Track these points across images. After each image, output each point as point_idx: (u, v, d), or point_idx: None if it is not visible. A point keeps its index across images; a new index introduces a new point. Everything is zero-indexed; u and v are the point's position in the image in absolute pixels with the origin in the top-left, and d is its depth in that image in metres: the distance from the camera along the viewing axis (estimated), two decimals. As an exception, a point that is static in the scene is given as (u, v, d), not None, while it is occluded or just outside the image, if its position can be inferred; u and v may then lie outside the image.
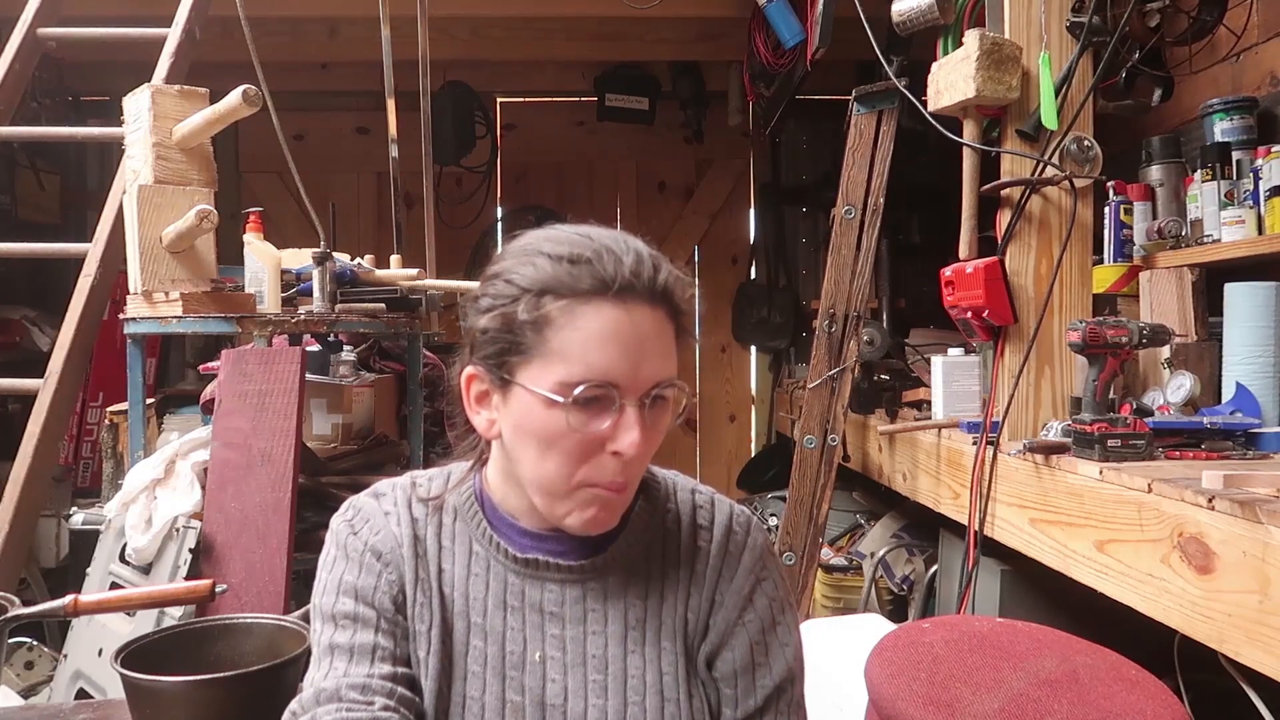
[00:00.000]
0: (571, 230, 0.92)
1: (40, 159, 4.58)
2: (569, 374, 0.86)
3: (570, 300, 0.86)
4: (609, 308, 0.86)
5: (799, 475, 2.69)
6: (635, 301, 0.87)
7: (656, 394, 0.89)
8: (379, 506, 1.01)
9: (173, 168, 2.20)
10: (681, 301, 0.91)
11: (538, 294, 0.87)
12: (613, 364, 0.86)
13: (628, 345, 0.86)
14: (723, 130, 5.12)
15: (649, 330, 0.88)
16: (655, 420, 0.90)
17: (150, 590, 1.54)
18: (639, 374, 0.87)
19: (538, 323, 0.87)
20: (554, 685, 0.95)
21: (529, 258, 0.89)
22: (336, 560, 0.99)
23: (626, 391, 0.87)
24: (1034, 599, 2.16)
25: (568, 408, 0.86)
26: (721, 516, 1.02)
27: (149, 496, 2.13)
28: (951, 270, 2.17)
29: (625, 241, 0.90)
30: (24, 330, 4.17)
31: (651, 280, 0.88)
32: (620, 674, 0.96)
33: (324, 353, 2.92)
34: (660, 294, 0.89)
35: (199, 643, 1.34)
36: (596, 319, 0.86)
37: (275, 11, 3.84)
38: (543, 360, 0.87)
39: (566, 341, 0.86)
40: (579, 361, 0.86)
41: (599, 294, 0.86)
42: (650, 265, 0.89)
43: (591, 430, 0.87)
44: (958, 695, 1.23)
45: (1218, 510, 1.36)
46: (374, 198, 5.13)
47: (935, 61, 2.23)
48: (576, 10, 4.35)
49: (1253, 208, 2.13)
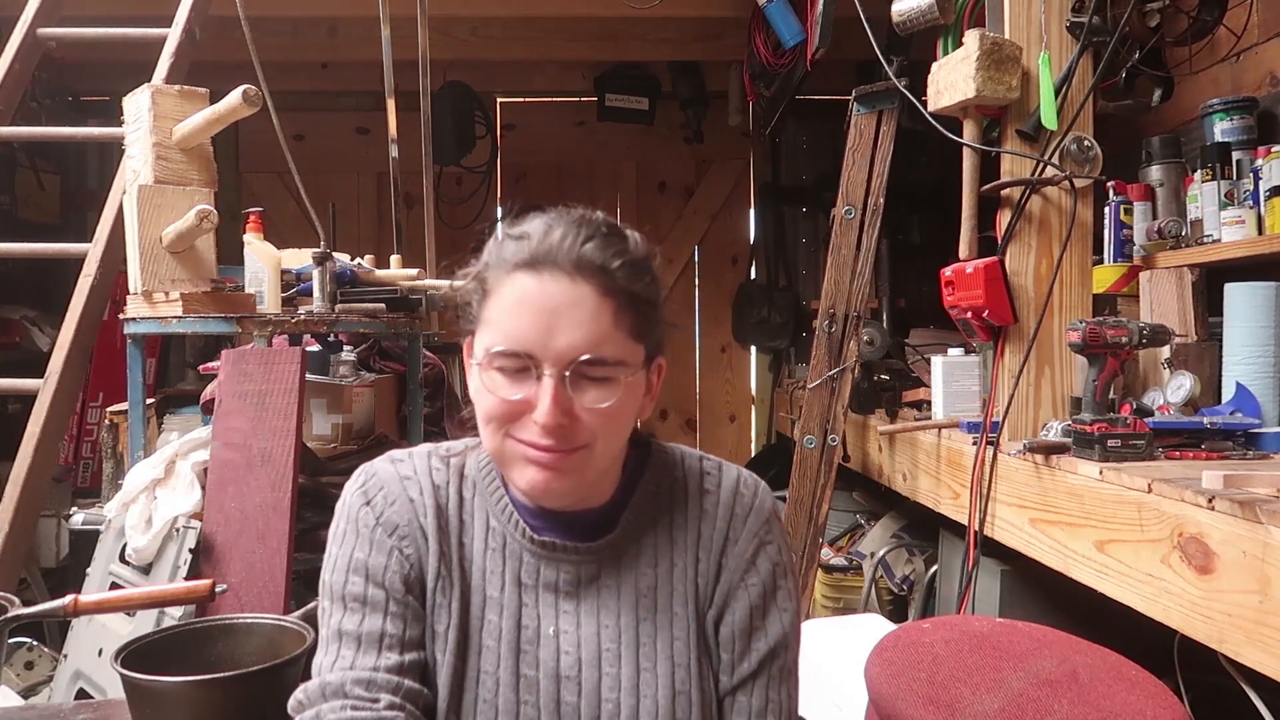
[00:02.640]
0: (549, 212, 0.94)
1: (40, 159, 4.58)
2: (490, 341, 0.91)
3: (499, 271, 0.92)
4: (523, 277, 0.90)
5: (799, 475, 2.69)
6: (551, 271, 0.89)
7: (585, 371, 0.89)
8: (395, 473, 1.00)
9: (173, 168, 2.20)
10: (621, 277, 0.90)
11: (483, 267, 0.94)
12: (522, 332, 0.89)
13: (538, 314, 0.89)
14: (723, 130, 5.12)
15: (563, 301, 0.88)
16: (586, 394, 0.90)
17: (150, 590, 1.54)
18: (552, 343, 0.88)
19: (480, 292, 0.94)
20: (567, 658, 0.96)
21: (497, 237, 0.95)
22: (346, 534, 0.98)
23: (542, 361, 0.88)
24: (1034, 599, 2.16)
25: (487, 372, 0.91)
26: (728, 480, 1.04)
27: (149, 496, 2.13)
28: (951, 270, 2.17)
29: (576, 219, 0.92)
30: (24, 330, 4.17)
31: (572, 250, 0.89)
32: (632, 641, 0.97)
33: (324, 353, 2.92)
34: (583, 265, 0.89)
35: (199, 643, 1.34)
36: (512, 288, 0.90)
37: (275, 11, 3.84)
38: (481, 329, 0.93)
39: (491, 310, 0.92)
40: (498, 329, 0.90)
41: (521, 266, 0.90)
42: (579, 238, 0.90)
43: (507, 395, 0.90)
44: (958, 695, 1.23)
45: (1218, 510, 1.36)
46: (374, 198, 5.13)
47: (935, 62, 2.23)
48: (576, 10, 4.35)
49: (1253, 208, 2.13)
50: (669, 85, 5.04)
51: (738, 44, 4.40)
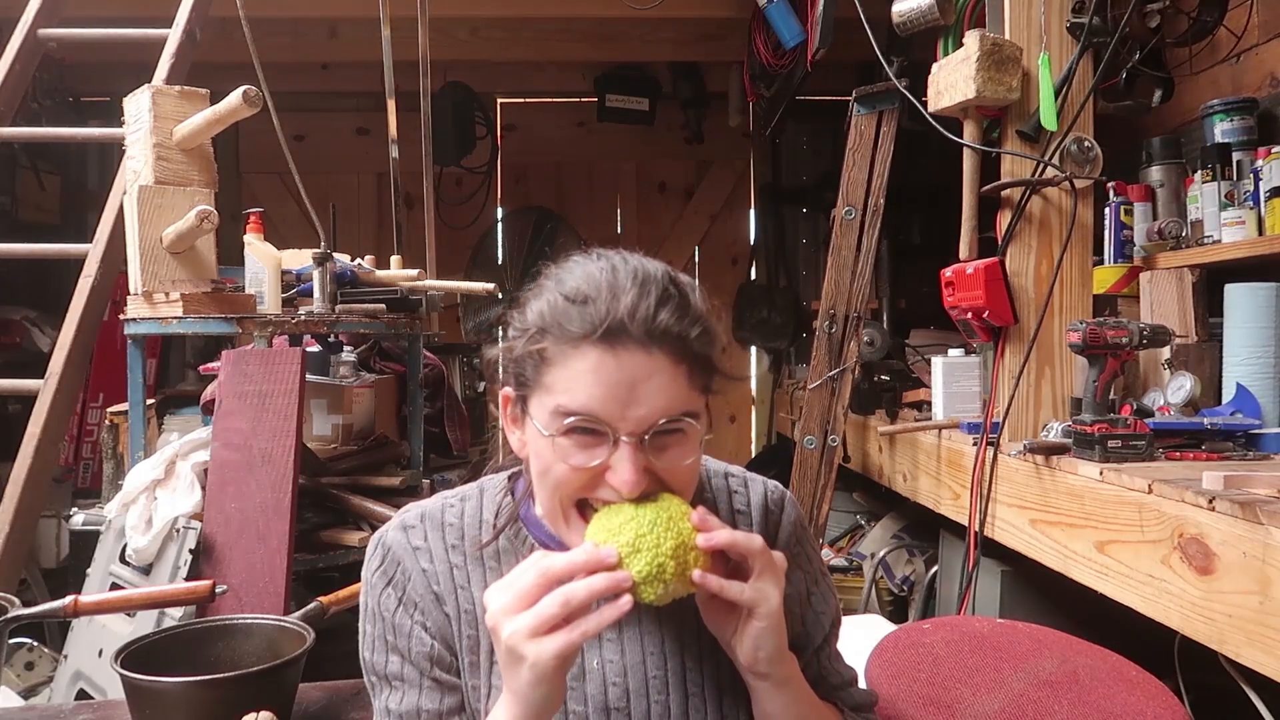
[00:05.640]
0: (596, 262, 0.91)
1: (41, 159, 4.58)
2: (558, 407, 0.87)
3: (563, 341, 0.87)
4: (595, 351, 0.86)
5: (799, 476, 2.69)
6: (625, 344, 0.85)
7: (661, 429, 0.87)
8: (408, 544, 0.99)
9: (173, 168, 2.20)
10: (689, 340, 0.88)
11: (538, 331, 0.89)
12: (597, 403, 0.86)
13: (615, 387, 0.85)
14: (723, 131, 5.12)
15: (640, 373, 0.86)
16: (665, 453, 0.89)
17: (150, 591, 1.54)
18: (629, 413, 0.86)
19: (536, 359, 0.89)
20: (615, 689, 0.96)
21: (545, 291, 0.91)
22: (375, 616, 0.99)
23: (619, 429, 0.86)
24: (1034, 600, 2.16)
25: (556, 440, 0.87)
26: (756, 498, 1.05)
27: (149, 497, 2.13)
28: (952, 271, 2.17)
29: (637, 275, 0.88)
30: (24, 330, 4.17)
31: (647, 322, 0.86)
32: (679, 669, 0.97)
33: (324, 353, 2.92)
34: (658, 336, 0.86)
35: (199, 643, 1.34)
36: (583, 360, 0.86)
37: (275, 12, 3.84)
38: (542, 393, 0.89)
39: (559, 378, 0.87)
40: (568, 398, 0.87)
41: (586, 337, 0.86)
42: (650, 305, 0.86)
43: (579, 463, 0.88)
44: (958, 696, 1.23)
45: (1218, 511, 1.36)
46: (374, 198, 5.14)
47: (935, 62, 2.23)
48: (576, 11, 4.35)
49: (1253, 208, 2.13)
50: (669, 86, 5.04)
51: (738, 45, 4.40)
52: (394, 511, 1.12)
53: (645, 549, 0.84)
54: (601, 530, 0.86)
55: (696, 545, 0.85)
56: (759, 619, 0.87)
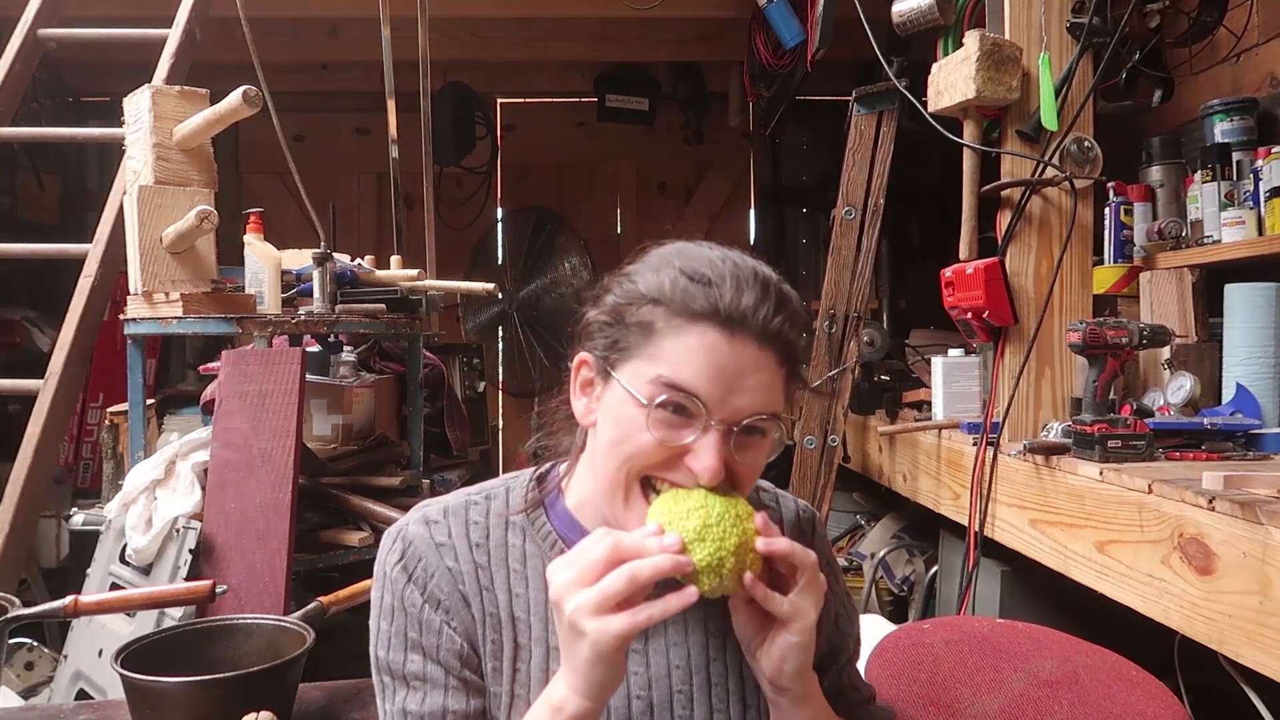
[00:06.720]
0: (712, 251, 0.91)
1: (40, 160, 4.58)
2: (659, 377, 0.86)
3: (681, 315, 0.87)
4: (713, 332, 0.86)
5: (799, 476, 2.69)
6: (743, 335, 0.86)
7: (748, 424, 0.87)
8: (431, 539, 0.97)
9: (173, 168, 2.20)
10: (796, 348, 0.90)
11: (653, 301, 0.88)
12: (702, 383, 0.85)
13: (723, 371, 0.85)
14: (723, 131, 5.12)
15: (749, 366, 0.86)
16: (745, 451, 0.89)
17: (150, 591, 1.55)
18: (729, 401, 0.86)
19: (646, 327, 0.88)
20: (639, 701, 0.95)
21: (661, 266, 0.90)
22: (395, 612, 0.95)
23: (715, 414, 0.86)
24: (1034, 600, 2.16)
25: (651, 410, 0.86)
26: (789, 515, 1.06)
27: (149, 497, 2.13)
28: (952, 271, 2.17)
29: (757, 274, 0.89)
30: (24, 330, 4.17)
31: (766, 321, 0.87)
32: (704, 683, 0.97)
33: (324, 353, 2.92)
34: (772, 336, 0.87)
35: (199, 643, 1.34)
36: (699, 338, 0.86)
37: (275, 12, 3.84)
38: (642, 361, 0.88)
39: (667, 350, 0.87)
40: (670, 370, 0.86)
41: (708, 317, 0.86)
42: (771, 307, 0.87)
43: (666, 438, 0.86)
44: (958, 696, 1.23)
45: (1218, 511, 1.36)
46: (374, 198, 5.13)
47: (935, 62, 2.23)
48: (576, 11, 4.35)
49: (1253, 208, 2.13)
50: (669, 86, 5.04)
51: (738, 45, 4.40)
52: (395, 511, 1.12)
53: (710, 539, 0.83)
54: (666, 512, 0.85)
55: (756, 548, 0.85)
56: (793, 633, 0.86)
